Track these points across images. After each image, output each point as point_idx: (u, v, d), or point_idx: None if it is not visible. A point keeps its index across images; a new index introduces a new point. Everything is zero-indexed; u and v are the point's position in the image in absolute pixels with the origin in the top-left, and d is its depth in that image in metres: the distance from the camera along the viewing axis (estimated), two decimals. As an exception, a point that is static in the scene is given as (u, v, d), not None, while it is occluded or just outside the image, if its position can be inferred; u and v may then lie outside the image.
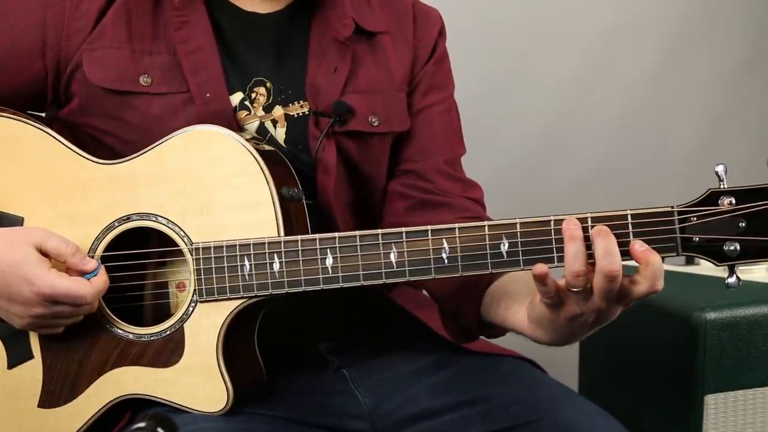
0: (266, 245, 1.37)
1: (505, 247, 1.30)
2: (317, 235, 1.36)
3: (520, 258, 1.30)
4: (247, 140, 1.41)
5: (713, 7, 3.03)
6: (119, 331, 1.44)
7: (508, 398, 1.50)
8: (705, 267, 2.13)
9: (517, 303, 1.38)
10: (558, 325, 1.31)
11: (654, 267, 1.24)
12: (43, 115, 1.61)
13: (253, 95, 1.54)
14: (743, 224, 1.24)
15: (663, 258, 1.26)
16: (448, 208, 1.61)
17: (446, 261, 1.32)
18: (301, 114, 1.55)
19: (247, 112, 1.53)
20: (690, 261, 2.19)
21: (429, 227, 1.33)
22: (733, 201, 1.24)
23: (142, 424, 1.09)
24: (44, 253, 1.39)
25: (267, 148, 1.45)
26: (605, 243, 1.24)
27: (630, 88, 2.98)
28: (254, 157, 1.39)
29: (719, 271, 2.01)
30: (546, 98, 2.90)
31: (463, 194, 1.64)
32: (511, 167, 2.80)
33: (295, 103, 1.55)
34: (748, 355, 1.85)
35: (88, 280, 1.39)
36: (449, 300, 1.53)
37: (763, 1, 3.07)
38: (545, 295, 1.27)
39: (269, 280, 1.37)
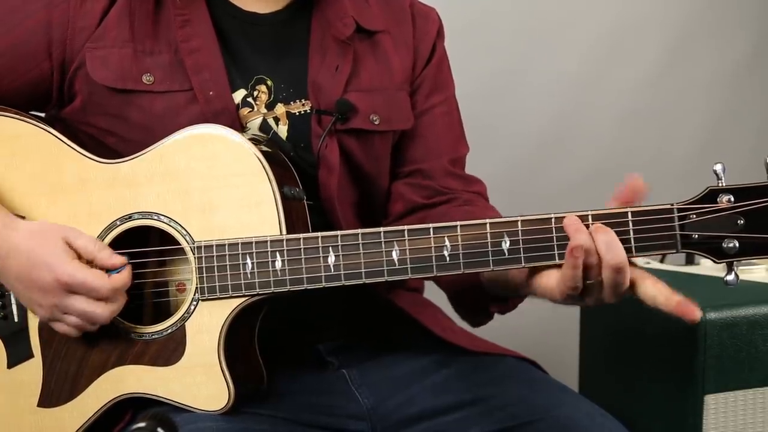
0: (268, 243, 1.39)
1: (506, 244, 1.33)
2: (319, 234, 1.38)
3: (522, 255, 1.32)
4: (248, 140, 1.43)
5: (714, 8, 3.05)
6: (120, 329, 1.45)
7: (508, 398, 1.52)
8: (705, 267, 2.15)
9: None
10: (558, 303, 1.36)
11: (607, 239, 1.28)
12: (43, 115, 1.63)
13: (255, 93, 1.57)
14: (741, 222, 1.27)
15: (663, 255, 1.30)
16: (451, 202, 1.65)
17: (448, 258, 1.34)
18: (302, 112, 1.58)
19: (250, 109, 1.56)
20: (690, 261, 2.21)
21: (431, 225, 1.35)
22: (732, 199, 1.27)
23: (142, 424, 1.11)
24: (73, 249, 1.42)
25: (265, 149, 1.47)
26: (606, 237, 1.28)
27: (630, 89, 3.00)
28: (256, 156, 1.41)
29: (719, 271, 2.06)
30: (546, 98, 2.92)
31: (467, 189, 1.68)
32: (511, 167, 2.81)
33: (297, 101, 1.58)
34: (748, 355, 1.85)
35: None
36: (452, 284, 1.56)
37: (763, 2, 3.09)
38: (572, 282, 1.29)
39: (271, 278, 1.39)
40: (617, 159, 2.92)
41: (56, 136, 1.50)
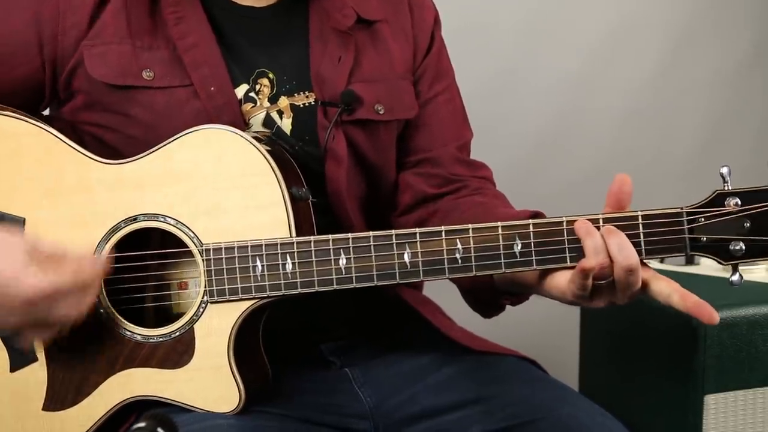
0: (278, 246, 1.42)
1: (518, 247, 1.38)
2: (330, 236, 1.42)
3: (533, 258, 1.37)
4: (255, 139, 1.46)
5: (715, 7, 3.11)
6: (127, 332, 1.48)
7: (509, 397, 1.56)
8: (705, 267, 2.21)
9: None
10: (569, 303, 1.42)
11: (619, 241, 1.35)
12: (45, 113, 1.66)
13: (258, 87, 1.61)
14: (748, 224, 1.33)
15: (664, 258, 1.37)
16: (460, 192, 1.70)
17: (460, 261, 1.39)
18: (306, 104, 1.63)
19: (253, 105, 1.60)
20: (690, 261, 2.27)
21: (443, 228, 1.40)
22: (739, 202, 1.33)
23: (142, 424, 1.13)
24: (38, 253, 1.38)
25: (268, 147, 1.49)
26: (617, 239, 1.33)
27: (631, 88, 3.06)
28: (264, 156, 1.44)
29: (719, 272, 2.12)
30: (546, 98, 2.98)
31: (474, 175, 1.74)
32: (511, 167, 2.81)
33: (301, 93, 1.63)
34: (748, 355, 1.92)
35: None
36: (464, 281, 1.60)
37: (764, 1, 3.15)
38: (581, 289, 1.35)
39: (282, 281, 1.42)
40: (617, 159, 2.97)
41: (56, 136, 1.52)
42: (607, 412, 1.56)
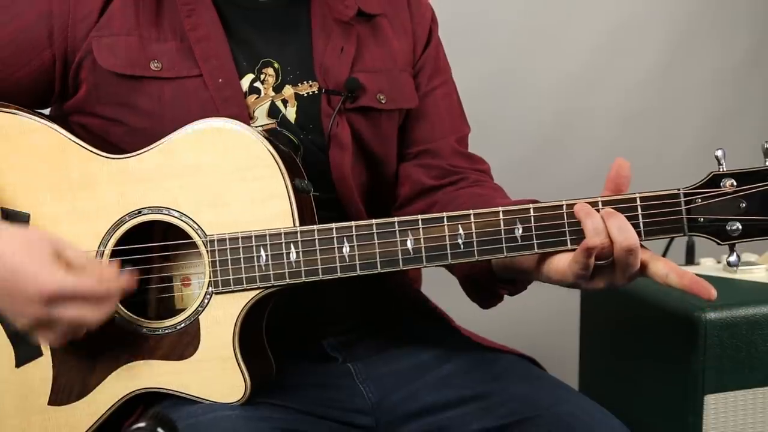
0: (282, 235, 1.46)
1: (519, 231, 1.42)
2: (333, 225, 1.45)
3: (534, 242, 1.41)
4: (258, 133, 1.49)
5: (715, 6, 3.15)
6: (132, 325, 1.51)
7: (508, 395, 1.59)
8: (705, 267, 2.23)
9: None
10: (569, 285, 1.46)
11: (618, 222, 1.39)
12: (47, 112, 1.68)
13: (263, 76, 1.65)
14: (744, 205, 1.37)
15: (672, 238, 1.41)
16: (459, 184, 1.74)
17: (462, 246, 1.43)
18: (310, 93, 1.67)
19: (257, 96, 1.64)
20: (690, 261, 2.29)
21: (444, 214, 1.43)
22: (734, 183, 1.38)
23: (141, 424, 1.16)
24: (62, 259, 1.42)
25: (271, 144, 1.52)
26: (617, 221, 1.37)
27: (631, 88, 3.10)
28: (267, 149, 1.47)
29: (719, 272, 2.14)
30: (547, 98, 3.02)
31: (473, 167, 1.78)
32: (511, 167, 2.80)
33: (305, 82, 1.67)
34: (748, 355, 1.93)
35: None
36: (463, 268, 1.63)
37: (764, 1, 3.19)
38: (584, 269, 1.39)
39: (286, 270, 1.45)
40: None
41: (60, 132, 1.55)
42: (607, 411, 1.58)
